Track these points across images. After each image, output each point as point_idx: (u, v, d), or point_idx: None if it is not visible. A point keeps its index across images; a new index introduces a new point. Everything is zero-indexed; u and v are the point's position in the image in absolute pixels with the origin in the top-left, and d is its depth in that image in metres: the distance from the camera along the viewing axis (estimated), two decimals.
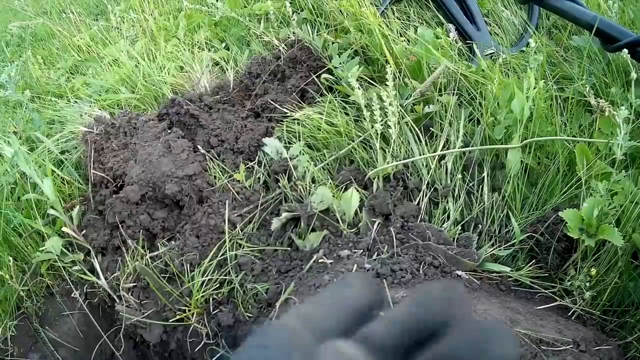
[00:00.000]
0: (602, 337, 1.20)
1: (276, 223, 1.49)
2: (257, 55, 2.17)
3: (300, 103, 1.91)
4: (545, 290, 1.30)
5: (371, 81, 1.83)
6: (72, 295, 1.68)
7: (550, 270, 1.34)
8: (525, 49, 1.81)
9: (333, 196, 1.46)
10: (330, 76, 1.88)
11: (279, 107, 1.87)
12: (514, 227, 1.36)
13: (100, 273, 1.59)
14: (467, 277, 1.29)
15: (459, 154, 1.54)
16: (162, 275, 1.49)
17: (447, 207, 1.47)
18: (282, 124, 1.82)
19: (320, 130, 1.73)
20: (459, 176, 1.49)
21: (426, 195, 1.48)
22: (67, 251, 1.69)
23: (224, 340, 1.39)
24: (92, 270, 1.63)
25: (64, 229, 1.67)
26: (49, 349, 1.66)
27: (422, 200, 1.48)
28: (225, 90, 2.06)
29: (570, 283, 1.27)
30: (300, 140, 1.72)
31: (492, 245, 1.38)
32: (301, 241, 1.45)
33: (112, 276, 1.59)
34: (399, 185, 1.53)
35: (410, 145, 1.60)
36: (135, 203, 1.61)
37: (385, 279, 1.22)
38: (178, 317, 1.43)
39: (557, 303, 1.27)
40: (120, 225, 1.60)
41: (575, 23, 1.71)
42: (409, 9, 2.18)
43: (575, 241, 1.30)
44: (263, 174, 1.70)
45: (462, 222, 1.44)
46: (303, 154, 1.68)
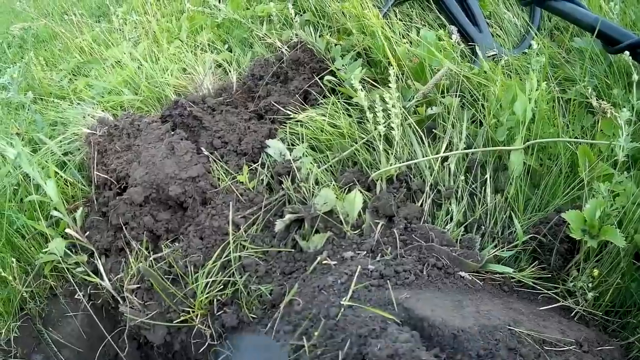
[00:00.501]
0: (604, 338, 1.21)
1: (280, 225, 1.49)
2: (260, 57, 2.18)
3: (303, 105, 1.91)
4: (548, 291, 1.31)
5: (374, 83, 1.84)
6: (75, 297, 1.68)
7: (552, 271, 1.35)
8: (527, 50, 1.81)
9: (336, 198, 1.47)
10: (333, 78, 1.88)
11: (282, 108, 1.87)
12: (516, 229, 1.37)
13: (103, 274, 1.60)
14: (470, 278, 1.29)
15: (462, 156, 1.54)
16: (166, 276, 1.49)
17: (450, 209, 1.48)
18: (285, 126, 1.82)
19: (323, 132, 1.74)
20: (462, 178, 1.50)
21: (429, 197, 1.49)
22: (70, 252, 1.70)
23: (228, 342, 1.40)
24: (96, 272, 1.64)
25: (67, 230, 1.68)
26: (52, 350, 1.66)
27: (425, 201, 1.49)
28: (228, 92, 2.07)
29: (572, 284, 1.28)
30: (303, 142, 1.73)
31: (495, 246, 1.39)
32: (305, 243, 1.45)
33: (116, 277, 1.59)
34: (402, 186, 1.54)
35: (413, 147, 1.60)
36: (139, 205, 1.61)
37: (389, 280, 1.22)
38: (182, 318, 1.44)
39: (559, 304, 1.28)
40: (123, 227, 1.61)
41: (576, 25, 1.72)
42: (411, 11, 2.19)
43: (577, 242, 1.30)
44: (266, 175, 1.70)
45: (465, 224, 1.45)
46: (306, 155, 1.69)
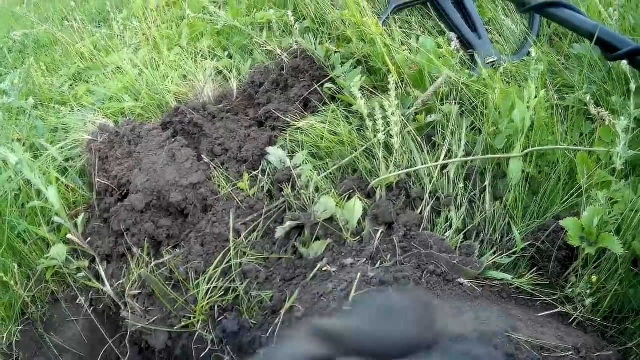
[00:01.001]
0: (602, 344, 1.21)
1: (280, 231, 1.50)
2: (260, 64, 2.19)
3: (303, 112, 1.92)
4: (546, 298, 1.32)
5: (373, 91, 1.85)
6: (77, 302, 1.69)
7: (551, 278, 1.36)
8: (526, 58, 1.82)
9: (336, 205, 1.48)
10: (332, 85, 1.90)
11: (282, 116, 1.88)
12: (515, 236, 1.38)
13: (105, 280, 1.61)
14: (469, 285, 1.30)
15: (461, 163, 1.55)
16: (167, 282, 1.50)
17: (449, 216, 1.49)
18: (286, 133, 1.83)
19: (323, 140, 1.75)
20: (461, 185, 1.51)
21: (428, 204, 1.50)
22: (72, 258, 1.71)
23: (229, 347, 1.41)
24: (97, 277, 1.65)
25: (68, 236, 1.69)
26: (53, 354, 1.66)
27: (425, 209, 1.50)
28: (229, 99, 2.08)
29: (571, 290, 1.29)
30: (303, 150, 1.74)
31: (494, 253, 1.40)
32: (305, 249, 1.46)
33: (117, 283, 1.60)
34: (402, 194, 1.55)
35: (413, 154, 1.62)
36: (140, 211, 1.62)
37: (389, 287, 1.23)
38: (183, 323, 1.45)
39: (558, 310, 1.29)
40: (125, 233, 1.62)
41: (575, 32, 1.72)
42: (411, 18, 2.20)
43: (575, 249, 1.31)
44: (267, 182, 1.71)
45: (464, 231, 1.46)
46: (306, 163, 1.70)
